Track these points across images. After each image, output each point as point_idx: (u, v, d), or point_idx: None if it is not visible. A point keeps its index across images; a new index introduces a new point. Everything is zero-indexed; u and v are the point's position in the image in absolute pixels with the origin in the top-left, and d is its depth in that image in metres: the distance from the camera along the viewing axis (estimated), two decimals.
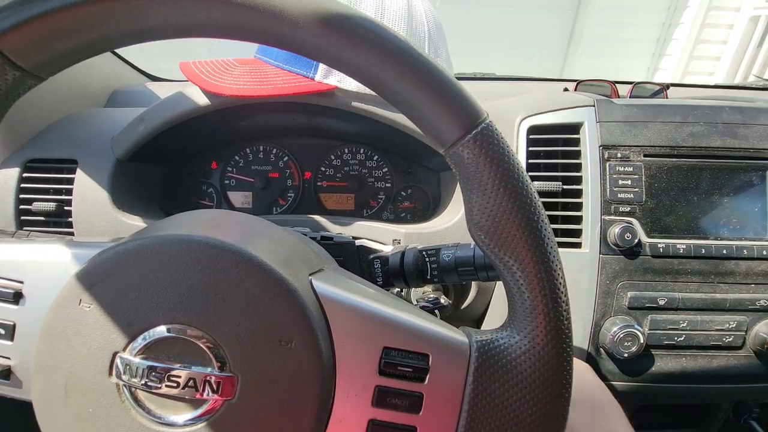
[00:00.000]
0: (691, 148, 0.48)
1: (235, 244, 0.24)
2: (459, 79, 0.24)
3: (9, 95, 0.25)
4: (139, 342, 0.23)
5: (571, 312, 0.26)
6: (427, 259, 0.41)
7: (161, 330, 0.23)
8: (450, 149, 0.24)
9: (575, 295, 0.48)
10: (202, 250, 0.24)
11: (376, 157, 0.66)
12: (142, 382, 0.23)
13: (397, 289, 0.51)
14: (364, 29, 0.23)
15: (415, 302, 0.50)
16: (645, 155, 0.48)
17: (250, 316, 0.24)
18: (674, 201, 0.48)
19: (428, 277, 0.41)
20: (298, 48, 0.24)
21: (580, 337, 0.49)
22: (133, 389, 0.23)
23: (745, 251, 0.47)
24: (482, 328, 0.57)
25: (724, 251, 0.47)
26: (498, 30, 3.10)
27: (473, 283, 0.53)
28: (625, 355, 0.47)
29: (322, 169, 0.66)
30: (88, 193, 0.52)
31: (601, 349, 0.49)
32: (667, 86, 0.62)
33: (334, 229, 0.55)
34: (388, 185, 0.66)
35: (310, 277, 0.26)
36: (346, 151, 0.66)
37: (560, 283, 0.25)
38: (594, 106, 0.49)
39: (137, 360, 0.23)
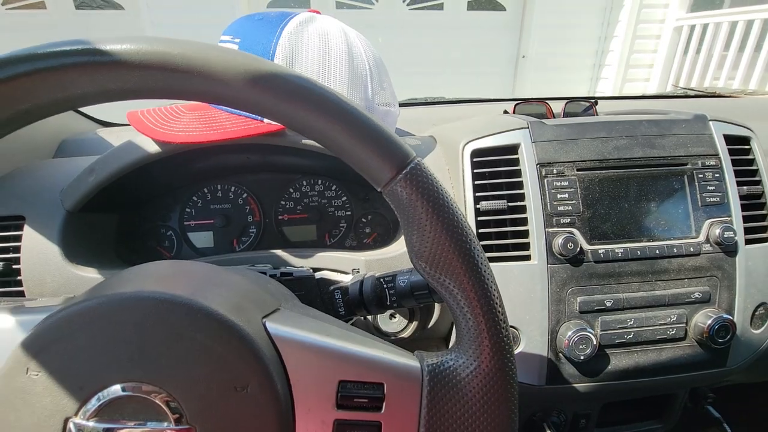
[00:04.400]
0: (617, 159, 0.53)
1: (184, 296, 0.25)
2: (409, 104, 0.26)
3: None
4: (93, 404, 0.23)
5: (527, 320, 0.28)
6: (384, 286, 0.42)
7: (115, 389, 0.24)
8: (386, 188, 0.27)
9: (530, 304, 0.51)
10: (152, 306, 0.24)
11: (334, 187, 0.67)
12: None
13: (361, 318, 0.52)
14: (297, 86, 0.25)
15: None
16: (578, 169, 0.52)
17: (204, 365, 0.24)
18: (608, 209, 0.52)
19: (388, 303, 0.42)
20: (238, 106, 0.26)
21: (539, 345, 0.51)
22: None
23: (675, 249, 0.52)
24: (450, 343, 0.58)
25: (657, 251, 0.52)
26: (450, 53, 3.26)
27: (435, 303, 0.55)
28: (582, 357, 0.50)
29: (282, 202, 0.67)
30: (38, 249, 0.51)
31: (560, 354, 0.51)
32: (596, 101, 0.68)
33: (296, 262, 0.56)
34: (348, 213, 0.67)
35: (263, 320, 0.27)
36: (305, 183, 0.67)
37: (497, 303, 0.27)
38: (528, 128, 0.53)
39: (91, 424, 0.23)
